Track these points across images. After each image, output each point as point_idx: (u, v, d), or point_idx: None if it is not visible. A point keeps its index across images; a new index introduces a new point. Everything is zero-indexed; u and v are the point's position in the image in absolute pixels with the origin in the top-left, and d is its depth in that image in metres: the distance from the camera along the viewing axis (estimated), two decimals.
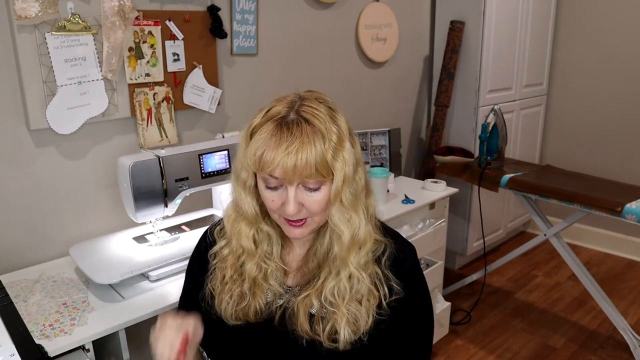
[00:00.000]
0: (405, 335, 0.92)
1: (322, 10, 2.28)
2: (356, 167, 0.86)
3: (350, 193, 0.85)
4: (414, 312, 0.92)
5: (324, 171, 0.81)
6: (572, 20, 3.18)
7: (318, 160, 0.80)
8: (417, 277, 0.94)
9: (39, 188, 1.56)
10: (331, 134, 0.82)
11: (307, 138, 0.80)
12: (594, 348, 2.30)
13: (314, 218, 0.87)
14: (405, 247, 0.95)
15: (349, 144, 0.84)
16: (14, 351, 0.76)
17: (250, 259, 0.92)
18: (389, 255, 0.91)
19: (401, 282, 0.90)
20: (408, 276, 0.92)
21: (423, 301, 0.95)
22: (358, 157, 0.88)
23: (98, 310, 1.28)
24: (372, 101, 2.64)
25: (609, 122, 3.13)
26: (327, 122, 0.82)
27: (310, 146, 0.80)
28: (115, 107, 1.65)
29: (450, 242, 2.79)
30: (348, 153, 0.84)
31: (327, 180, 0.84)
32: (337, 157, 0.82)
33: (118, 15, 1.57)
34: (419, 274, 0.95)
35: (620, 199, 1.87)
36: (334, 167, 0.82)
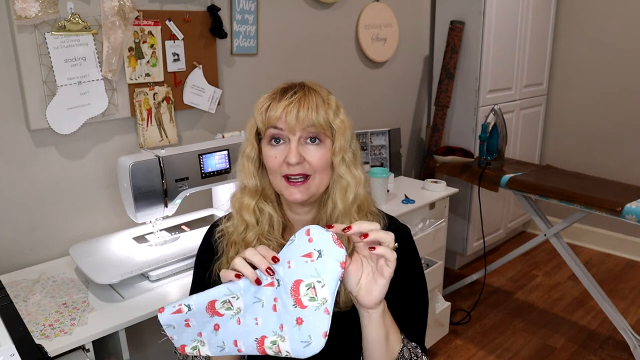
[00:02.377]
0: (399, 306, 0.93)
1: (322, 10, 2.28)
2: (352, 137, 0.93)
3: (351, 153, 0.92)
4: (408, 286, 0.96)
5: (325, 124, 0.89)
6: (572, 20, 3.18)
7: (319, 112, 0.88)
8: (412, 254, 0.99)
9: (39, 188, 1.56)
10: (331, 101, 0.91)
11: (309, 94, 0.89)
12: (594, 348, 2.30)
13: (314, 178, 0.91)
14: (401, 226, 1.02)
15: (346, 116, 0.92)
16: (14, 351, 0.76)
17: (252, 231, 0.96)
18: (383, 228, 0.94)
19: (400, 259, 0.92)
20: (403, 251, 0.94)
21: (417, 275, 0.99)
22: (352, 133, 0.94)
23: (98, 310, 1.28)
24: (372, 101, 2.64)
25: (608, 122, 3.13)
26: (327, 93, 0.93)
27: (312, 100, 0.89)
28: (115, 107, 1.65)
29: (450, 242, 2.79)
30: (346, 119, 0.92)
31: (327, 138, 0.90)
32: (336, 117, 0.91)
33: (118, 15, 1.57)
34: (413, 250, 1.00)
35: (620, 199, 1.87)
36: (335, 123, 0.90)
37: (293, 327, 0.74)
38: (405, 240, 0.99)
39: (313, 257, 0.74)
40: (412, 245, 1.01)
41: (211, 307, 0.76)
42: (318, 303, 0.73)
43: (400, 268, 0.91)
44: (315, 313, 0.73)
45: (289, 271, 0.75)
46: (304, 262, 0.74)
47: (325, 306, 0.73)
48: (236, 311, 0.76)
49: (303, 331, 0.73)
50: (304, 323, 0.73)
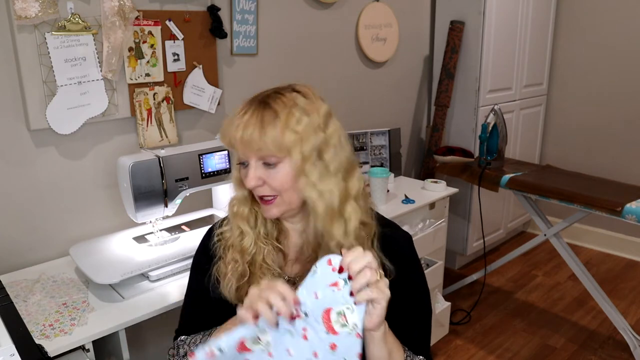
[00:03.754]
0: (402, 318, 0.93)
1: (322, 10, 2.28)
2: (324, 147, 0.87)
3: (316, 170, 0.86)
4: (410, 296, 0.95)
5: (274, 147, 0.84)
6: (572, 20, 3.18)
7: (266, 133, 0.84)
8: (413, 263, 0.97)
9: (39, 188, 1.56)
10: (286, 114, 0.85)
11: (256, 115, 0.85)
12: (594, 348, 2.30)
13: (283, 197, 0.89)
14: (401, 234, 0.99)
15: (314, 125, 0.86)
16: (14, 351, 0.77)
17: (248, 236, 0.96)
18: (379, 238, 0.94)
19: (396, 266, 0.92)
20: (403, 260, 0.94)
21: (419, 285, 0.97)
22: (332, 140, 0.88)
23: (98, 310, 1.28)
24: (372, 101, 2.64)
25: (609, 122, 3.13)
26: (286, 104, 0.86)
27: (258, 120, 0.85)
28: (115, 107, 1.65)
29: (450, 242, 2.79)
30: (307, 133, 0.85)
31: (285, 158, 0.86)
32: (288, 135, 0.84)
33: (118, 15, 1.57)
34: (414, 259, 0.98)
35: (620, 199, 1.87)
36: (286, 144, 0.84)
37: (327, 352, 0.76)
38: (404, 249, 0.97)
39: (339, 286, 0.76)
40: (412, 254, 0.99)
41: (241, 346, 0.77)
42: (349, 329, 0.75)
43: (400, 280, 0.91)
44: (347, 337, 0.75)
45: (317, 301, 0.76)
46: (332, 291, 0.76)
47: (356, 331, 0.75)
48: (265, 345, 0.77)
49: (338, 355, 0.76)
50: (338, 347, 0.75)
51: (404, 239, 0.99)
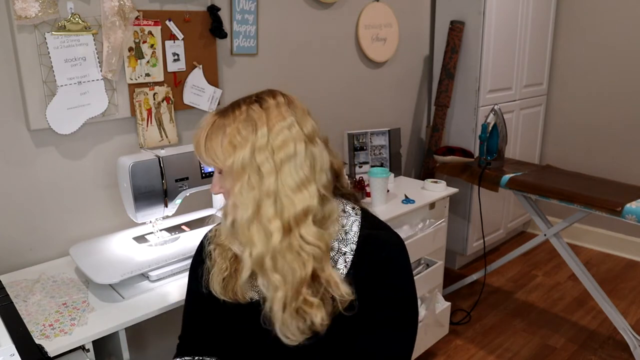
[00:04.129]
0: (375, 324, 0.93)
1: (322, 10, 2.28)
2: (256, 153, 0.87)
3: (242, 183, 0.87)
4: (389, 302, 0.94)
5: (207, 155, 0.90)
6: (572, 20, 3.18)
7: (202, 148, 0.90)
8: (395, 267, 0.95)
9: (39, 188, 1.56)
10: (228, 127, 0.88)
11: (205, 128, 0.91)
12: (594, 348, 2.30)
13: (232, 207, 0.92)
14: (386, 238, 0.96)
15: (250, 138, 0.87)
16: (14, 351, 0.77)
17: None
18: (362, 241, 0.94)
19: (372, 268, 0.92)
20: (384, 265, 0.93)
21: (396, 289, 0.95)
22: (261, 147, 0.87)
23: (98, 310, 1.28)
24: (372, 101, 2.64)
25: (609, 122, 3.13)
26: (233, 118, 0.89)
27: (202, 134, 0.91)
28: (115, 107, 1.65)
29: (450, 242, 2.79)
30: (237, 146, 0.87)
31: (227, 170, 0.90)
32: (215, 148, 0.89)
33: (118, 15, 1.57)
34: (398, 264, 0.96)
35: (620, 199, 1.87)
36: (218, 157, 0.89)
37: None
38: (385, 253, 0.93)
39: None
40: (394, 258, 0.95)
41: None
42: None
43: (375, 283, 0.92)
44: None
45: None
46: None
47: None
48: None
49: None
50: None
51: (389, 243, 0.96)
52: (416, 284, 2.21)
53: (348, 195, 1.02)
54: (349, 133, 2.38)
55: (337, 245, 0.94)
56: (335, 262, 0.93)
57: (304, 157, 0.89)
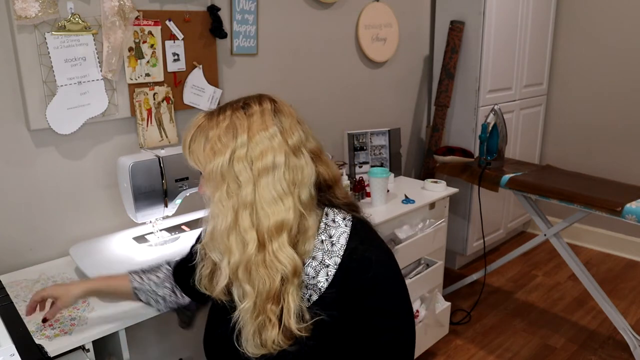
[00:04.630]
0: (373, 347, 0.92)
1: (322, 10, 2.28)
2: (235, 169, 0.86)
3: (222, 191, 0.86)
4: (375, 323, 0.91)
5: (192, 161, 0.91)
6: (572, 20, 3.18)
7: (186, 150, 0.91)
8: (382, 289, 0.91)
9: (39, 188, 1.56)
10: (210, 131, 0.88)
11: (191, 130, 0.90)
12: (594, 348, 2.30)
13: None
14: (375, 257, 0.91)
15: (230, 145, 0.86)
16: (14, 351, 0.77)
17: None
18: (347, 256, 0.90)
19: (362, 291, 0.89)
20: (370, 286, 0.90)
21: (385, 313, 0.91)
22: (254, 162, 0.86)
23: (98, 310, 1.28)
24: (372, 101, 2.64)
25: (609, 121, 3.13)
26: (217, 123, 0.88)
27: (188, 136, 0.90)
28: (115, 107, 1.65)
29: (450, 242, 2.79)
30: (217, 152, 0.86)
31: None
32: (198, 151, 0.89)
33: (118, 15, 1.57)
34: (385, 285, 0.91)
35: (620, 199, 1.87)
36: (200, 160, 0.89)
37: None
38: (367, 273, 0.89)
39: None
40: (375, 278, 0.90)
41: None
42: None
43: (359, 305, 0.89)
44: None
45: None
46: None
47: None
48: None
49: None
50: None
51: (376, 263, 0.90)
52: (416, 284, 2.22)
53: (344, 206, 0.97)
54: (349, 133, 2.39)
55: (321, 256, 0.90)
56: (316, 273, 0.90)
57: (284, 169, 0.86)
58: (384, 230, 2.01)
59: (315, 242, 0.91)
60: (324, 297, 0.89)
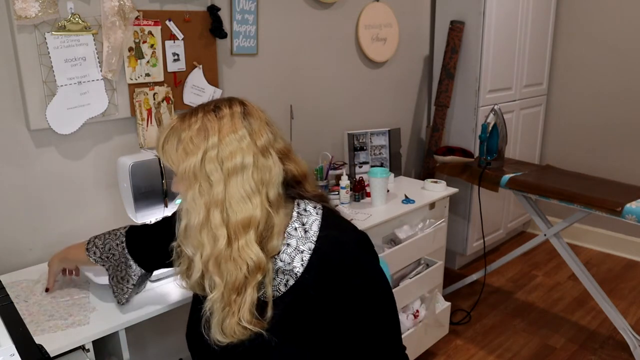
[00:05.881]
0: (356, 326, 0.95)
1: (322, 10, 2.28)
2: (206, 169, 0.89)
3: (194, 190, 0.90)
4: (358, 303, 0.94)
5: (166, 162, 0.94)
6: (572, 20, 3.18)
7: (160, 151, 0.95)
8: (357, 269, 0.94)
9: (39, 188, 1.56)
10: (183, 133, 0.91)
11: (164, 131, 0.94)
12: (594, 348, 2.30)
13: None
14: (347, 239, 0.96)
15: (201, 146, 0.89)
16: (14, 351, 0.77)
17: None
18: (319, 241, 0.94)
19: (338, 273, 0.93)
20: (344, 267, 0.93)
21: (366, 288, 0.95)
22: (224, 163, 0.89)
23: (98, 310, 1.28)
24: (372, 101, 2.64)
25: (609, 121, 3.13)
26: (189, 125, 0.92)
27: (161, 137, 0.94)
28: (115, 107, 1.65)
29: (450, 242, 2.79)
30: (189, 153, 0.90)
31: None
32: (171, 152, 0.92)
33: (118, 15, 1.57)
34: (359, 265, 0.95)
35: (620, 199, 1.87)
36: (173, 161, 0.92)
37: None
38: (345, 253, 0.94)
39: None
40: (355, 257, 0.95)
41: None
42: None
43: (341, 287, 0.93)
44: None
45: None
46: None
47: None
48: None
49: None
50: None
51: (348, 244, 0.95)
52: (416, 284, 2.22)
53: (313, 198, 1.02)
54: (349, 133, 2.39)
55: (296, 242, 0.95)
56: (292, 259, 0.94)
57: (252, 169, 0.90)
58: (384, 230, 2.01)
59: (289, 230, 0.96)
60: (300, 281, 0.94)
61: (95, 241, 1.28)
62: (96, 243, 1.27)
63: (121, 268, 1.24)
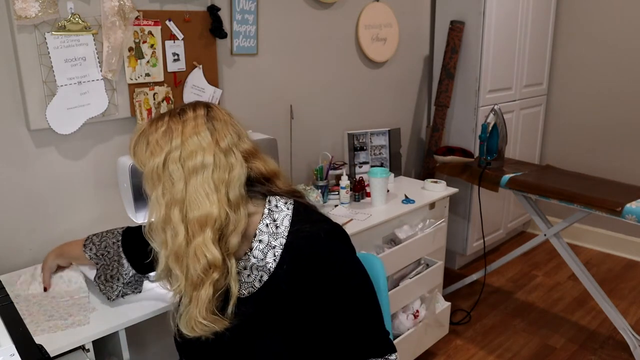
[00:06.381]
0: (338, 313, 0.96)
1: (322, 10, 2.28)
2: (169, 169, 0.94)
3: (158, 190, 0.94)
4: (336, 292, 0.95)
5: (136, 164, 1.00)
6: (572, 20, 3.18)
7: (131, 153, 1.00)
8: (329, 261, 0.95)
9: (39, 188, 1.56)
10: (150, 136, 0.96)
11: (135, 135, 0.99)
12: (594, 348, 2.30)
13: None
14: (316, 232, 0.96)
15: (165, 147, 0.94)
16: (14, 351, 0.77)
17: None
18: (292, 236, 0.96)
19: (310, 266, 0.93)
20: (315, 260, 0.94)
21: (342, 279, 0.96)
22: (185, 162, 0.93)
23: (98, 310, 1.28)
24: (372, 101, 2.64)
25: (609, 122, 3.13)
26: (156, 128, 0.96)
27: (132, 141, 0.99)
28: (115, 107, 1.65)
29: (450, 242, 2.79)
30: (154, 154, 0.94)
31: None
32: (140, 154, 0.97)
33: (118, 15, 1.57)
34: (331, 257, 0.95)
35: (620, 199, 1.87)
36: (142, 162, 0.97)
37: None
38: (316, 248, 0.94)
39: None
40: (328, 250, 0.95)
41: None
42: None
43: (316, 281, 0.93)
44: None
45: None
46: None
47: None
48: None
49: None
50: None
51: (318, 237, 0.96)
52: (416, 284, 2.21)
53: (286, 194, 1.03)
54: (349, 133, 2.39)
55: (267, 238, 0.97)
56: (264, 255, 0.97)
57: (212, 169, 0.93)
58: (384, 230, 2.01)
59: (260, 227, 0.98)
60: (273, 276, 0.95)
61: (92, 238, 1.30)
62: (93, 240, 1.29)
63: (113, 266, 1.26)
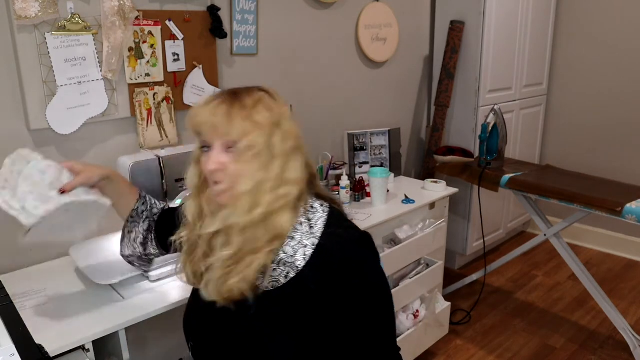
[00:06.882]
0: (354, 322, 0.95)
1: (322, 10, 2.28)
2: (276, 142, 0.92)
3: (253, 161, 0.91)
4: (356, 301, 0.95)
5: (238, 134, 0.89)
6: (572, 20, 3.18)
7: (233, 122, 0.89)
8: (357, 267, 0.95)
9: None
10: (252, 106, 0.91)
11: (227, 103, 0.91)
12: (594, 348, 2.30)
13: (234, 185, 0.92)
14: (350, 237, 0.97)
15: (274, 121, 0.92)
16: (14, 351, 0.77)
17: (190, 229, 1.03)
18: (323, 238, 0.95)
19: (339, 270, 0.93)
20: (346, 264, 0.93)
21: (364, 289, 0.95)
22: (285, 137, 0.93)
23: (98, 310, 1.28)
24: (372, 101, 2.64)
25: (609, 122, 3.13)
26: (253, 98, 0.92)
27: (227, 109, 0.90)
28: (115, 107, 1.65)
29: (450, 242, 2.79)
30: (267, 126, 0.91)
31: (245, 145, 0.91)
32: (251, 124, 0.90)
33: (118, 15, 1.57)
34: (360, 263, 0.96)
35: (620, 199, 1.87)
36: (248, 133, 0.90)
37: None
38: (342, 254, 0.94)
39: None
40: (352, 258, 0.94)
41: None
42: None
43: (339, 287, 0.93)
44: None
45: None
46: None
47: None
48: None
49: None
50: None
51: (351, 242, 0.96)
52: (416, 284, 2.21)
53: (322, 197, 1.04)
54: (349, 133, 2.39)
55: (300, 237, 0.96)
56: (295, 252, 0.95)
57: (302, 151, 0.96)
58: (384, 230, 2.01)
59: (295, 224, 0.96)
60: (301, 274, 0.94)
61: (147, 197, 1.26)
62: (147, 198, 1.25)
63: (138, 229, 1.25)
